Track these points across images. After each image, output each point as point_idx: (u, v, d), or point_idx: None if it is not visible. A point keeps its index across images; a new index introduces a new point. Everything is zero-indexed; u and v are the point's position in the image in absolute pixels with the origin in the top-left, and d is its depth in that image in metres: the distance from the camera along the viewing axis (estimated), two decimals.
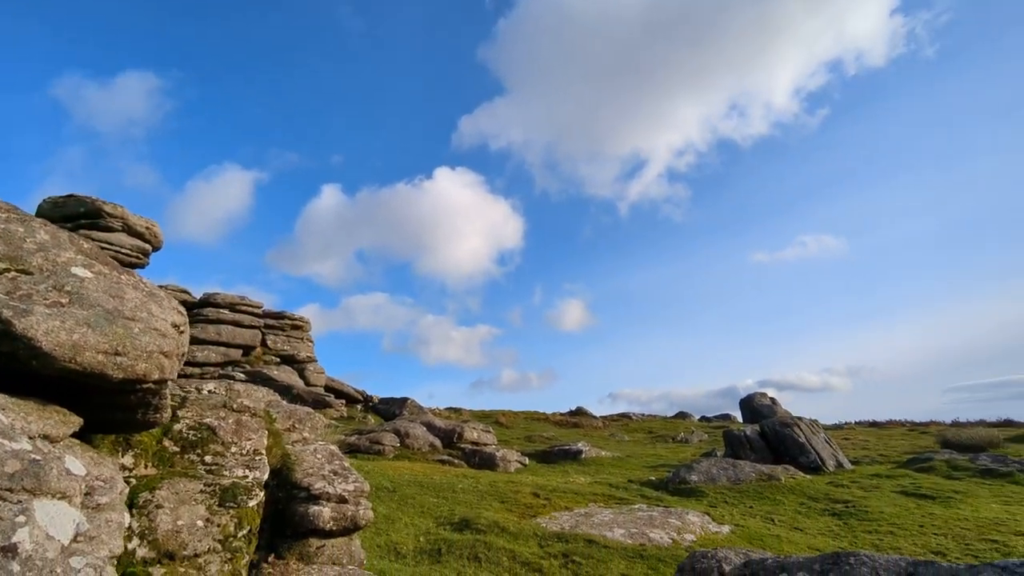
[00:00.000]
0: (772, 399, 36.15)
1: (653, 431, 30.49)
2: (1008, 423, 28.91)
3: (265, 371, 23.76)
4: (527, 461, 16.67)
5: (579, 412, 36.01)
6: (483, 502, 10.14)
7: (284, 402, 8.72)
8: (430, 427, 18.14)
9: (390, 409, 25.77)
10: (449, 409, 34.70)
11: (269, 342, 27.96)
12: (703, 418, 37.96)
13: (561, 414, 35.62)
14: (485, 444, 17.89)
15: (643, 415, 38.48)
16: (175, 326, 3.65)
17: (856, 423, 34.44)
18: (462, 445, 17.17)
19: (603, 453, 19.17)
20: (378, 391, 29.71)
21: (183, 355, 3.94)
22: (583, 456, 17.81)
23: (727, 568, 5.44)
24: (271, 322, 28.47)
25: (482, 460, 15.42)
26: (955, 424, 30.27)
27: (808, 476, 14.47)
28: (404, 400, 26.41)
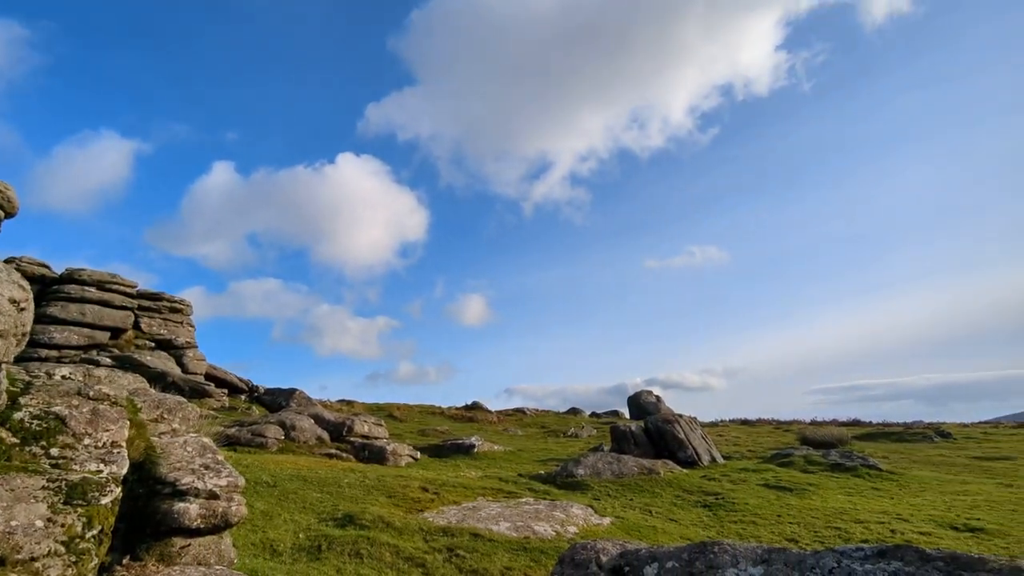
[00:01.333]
0: (657, 397, 38.17)
1: (546, 426, 31.21)
2: (856, 423, 32.35)
3: (136, 356, 21.85)
4: (419, 455, 16.50)
5: (475, 407, 36.17)
6: (369, 497, 9.90)
7: (153, 390, 8.03)
8: (318, 420, 17.48)
9: (276, 400, 24.58)
10: (341, 402, 33.66)
11: (143, 325, 25.76)
12: (593, 414, 39.36)
13: (457, 408, 35.61)
14: (376, 438, 17.50)
15: (537, 410, 39.30)
16: (13, 302, 3.23)
17: (730, 421, 37.11)
18: (352, 439, 16.69)
19: (496, 447, 19.37)
20: (266, 382, 28.23)
21: (25, 335, 3.50)
22: (475, 450, 17.89)
23: (604, 559, 5.64)
24: (147, 303, 26.23)
25: (372, 454, 15.07)
26: (813, 423, 33.42)
27: (685, 470, 15.40)
28: (292, 391, 25.28)
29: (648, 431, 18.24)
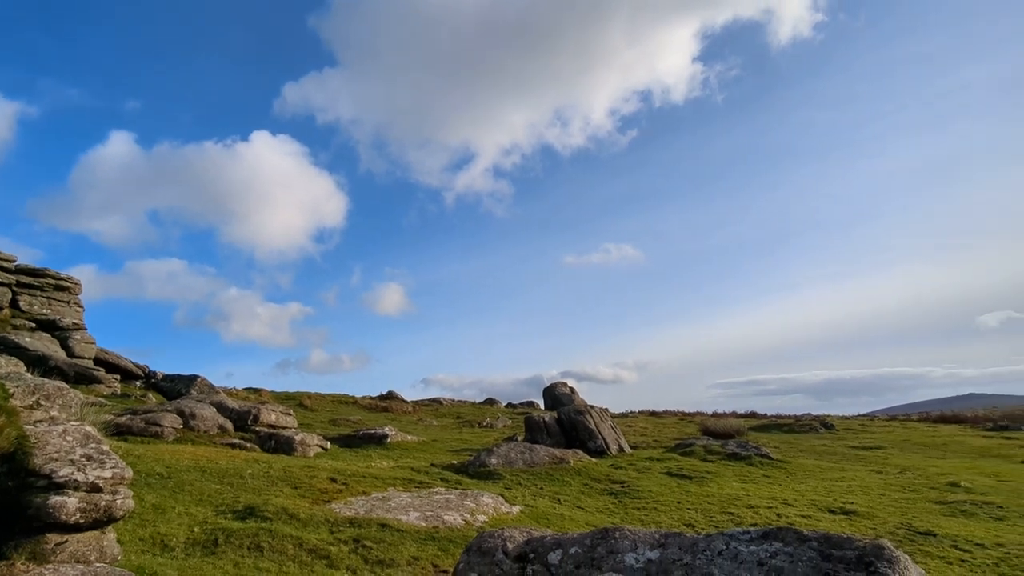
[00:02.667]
0: (571, 388, 39.12)
1: (462, 416, 31.25)
2: (753, 415, 34.54)
3: (13, 337, 19.91)
4: (329, 445, 16.06)
5: (390, 396, 35.64)
6: (273, 488, 9.54)
7: (29, 375, 7.34)
8: (221, 408, 16.62)
9: (176, 387, 23.15)
10: (248, 390, 32.20)
11: (23, 303, 23.49)
12: (509, 405, 39.79)
13: (371, 398, 34.95)
14: (284, 427, 16.86)
15: (454, 401, 39.27)
16: None
17: (639, 412, 38.59)
18: (257, 428, 15.99)
19: (409, 438, 19.18)
20: (166, 368, 26.48)
21: None
22: (388, 440, 17.65)
23: (510, 546, 5.72)
24: (27, 280, 23.93)
25: (279, 444, 14.51)
26: (714, 415, 35.36)
27: (594, 459, 15.89)
28: (193, 378, 23.89)
29: (561, 422, 18.65)
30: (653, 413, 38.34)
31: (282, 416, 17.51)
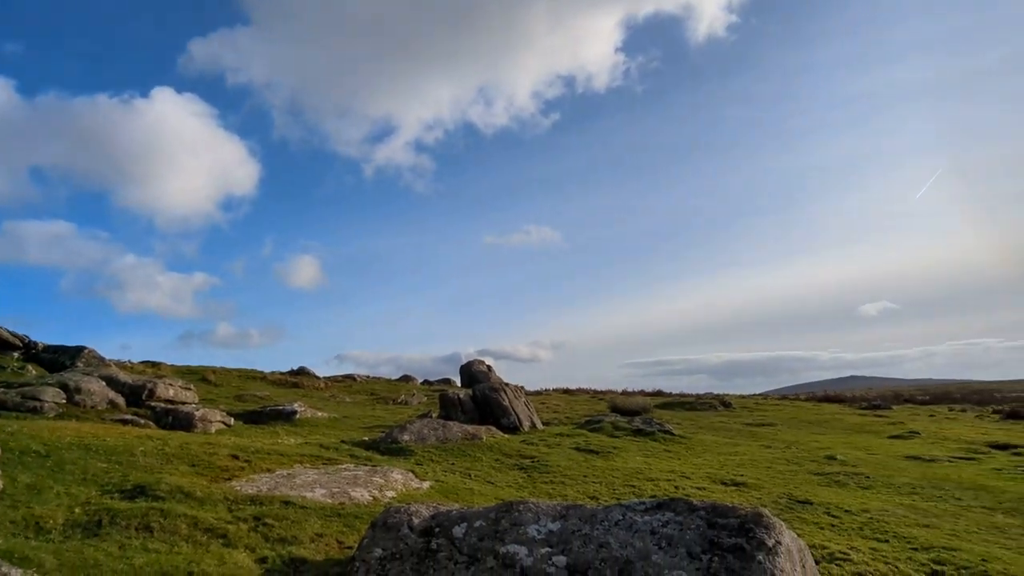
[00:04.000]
0: (488, 366, 39.42)
1: (376, 393, 30.84)
2: (659, 393, 36.24)
3: None
4: (232, 422, 15.40)
5: (301, 372, 34.55)
6: (168, 466, 9.04)
7: None
8: (112, 382, 15.50)
9: (59, 359, 21.33)
10: (145, 363, 30.23)
11: None
12: (426, 382, 39.64)
13: (281, 373, 33.75)
14: (183, 403, 15.97)
15: (368, 377, 38.62)
16: None
17: (553, 390, 39.55)
18: (153, 404, 15.06)
19: (320, 414, 18.73)
20: (51, 339, 24.23)
21: None
22: (297, 417, 17.15)
23: (416, 521, 5.74)
24: None
25: (176, 420, 13.74)
26: (624, 393, 36.83)
27: (507, 436, 16.16)
28: (80, 349, 22.09)
29: (475, 398, 18.80)
30: (567, 391, 39.41)
31: (181, 391, 16.57)
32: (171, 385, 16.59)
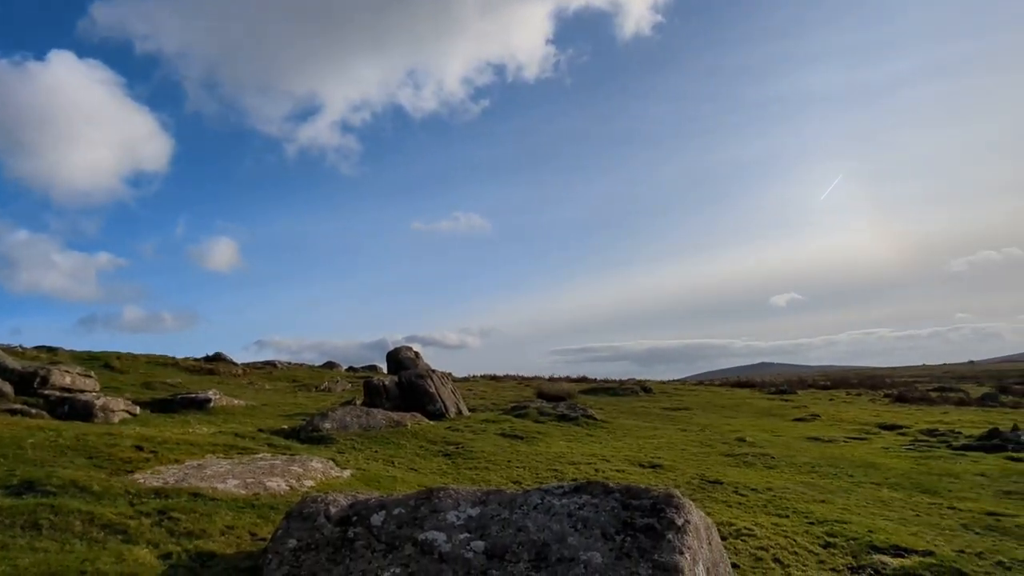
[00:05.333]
0: (416, 353, 38.96)
1: (298, 380, 29.90)
2: (584, 379, 37.10)
3: None
4: (138, 411, 14.49)
5: (217, 358, 32.95)
6: (62, 459, 8.40)
7: None
8: None
9: None
10: (40, 349, 27.97)
11: None
12: (351, 368, 38.78)
13: (195, 360, 32.07)
14: (82, 391, 14.86)
15: (290, 364, 37.35)
16: None
17: (480, 376, 39.71)
18: (47, 392, 13.92)
19: (236, 402, 17.95)
20: None
21: None
22: (212, 405, 16.36)
23: (333, 510, 5.60)
24: None
25: (74, 410, 12.77)
26: (550, 379, 37.46)
27: (432, 422, 16.07)
28: None
29: (401, 385, 18.57)
30: (494, 377, 39.66)
31: (80, 378, 15.42)
32: (68, 372, 15.40)
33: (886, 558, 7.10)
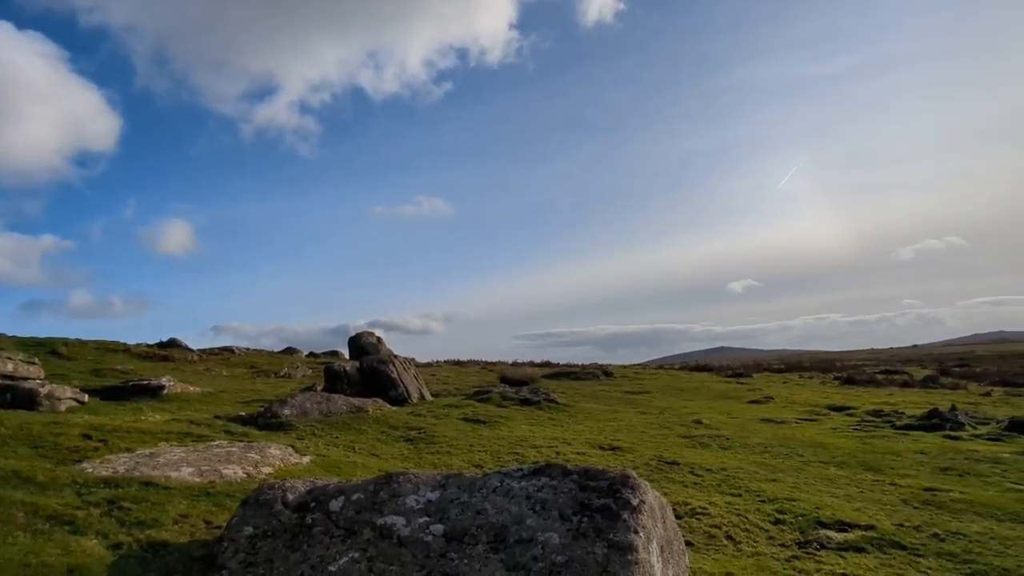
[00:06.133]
0: (379, 338, 38.57)
1: (256, 366, 29.31)
2: (547, 364, 37.43)
3: None
4: (87, 399, 13.97)
5: (172, 344, 32.00)
6: (4, 449, 8.06)
7: None
8: None
9: None
10: None
11: None
12: (311, 354, 38.21)
13: (148, 346, 31.09)
14: (25, 378, 14.25)
15: (248, 350, 36.57)
16: None
17: (444, 362, 39.64)
18: None
19: (192, 389, 17.50)
20: None
21: None
22: (165, 392, 15.90)
23: (291, 496, 5.53)
24: None
25: (16, 398, 12.22)
26: (513, 364, 37.68)
27: (394, 408, 15.99)
28: None
29: (363, 371, 18.39)
30: (458, 363, 39.65)
31: (23, 365, 14.78)
32: (10, 359, 14.74)
33: (831, 533, 7.42)
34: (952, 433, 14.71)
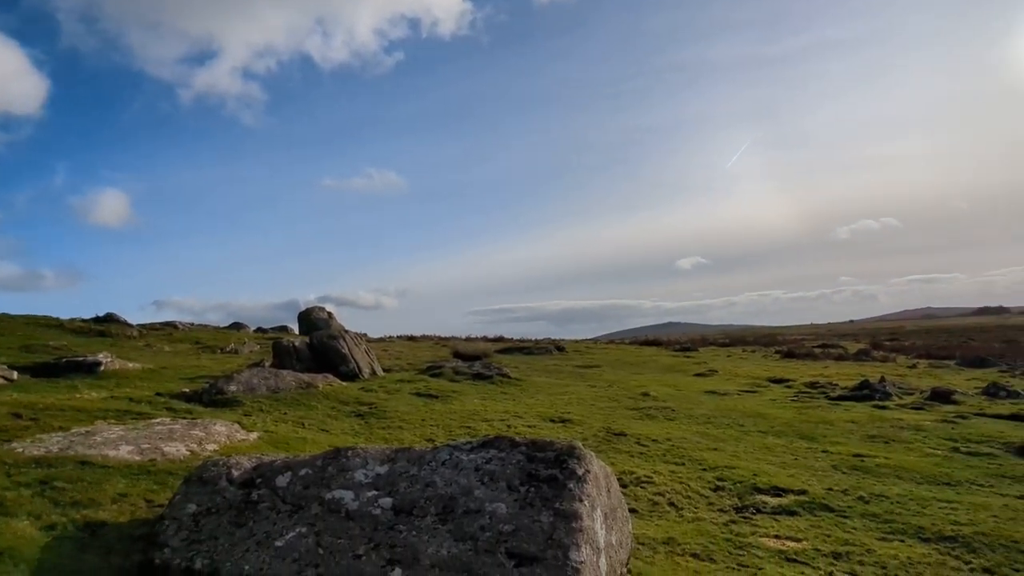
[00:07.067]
0: (329, 313, 37.97)
1: (201, 342, 28.40)
2: (500, 339, 37.64)
3: None
4: (16, 376, 13.30)
5: (110, 319, 30.63)
6: None
7: None
8: None
9: None
10: None
11: None
12: (259, 329, 37.30)
13: (83, 321, 29.69)
14: None
15: (193, 325, 35.39)
16: None
17: (397, 337, 39.34)
18: None
19: (131, 365, 16.85)
20: None
21: None
22: (102, 369, 15.26)
23: (236, 473, 5.45)
24: None
25: None
26: (467, 339, 37.74)
27: (345, 383, 15.83)
28: None
29: (313, 346, 18.10)
30: (411, 338, 39.40)
31: None
32: None
33: (767, 498, 7.82)
34: (880, 403, 15.62)
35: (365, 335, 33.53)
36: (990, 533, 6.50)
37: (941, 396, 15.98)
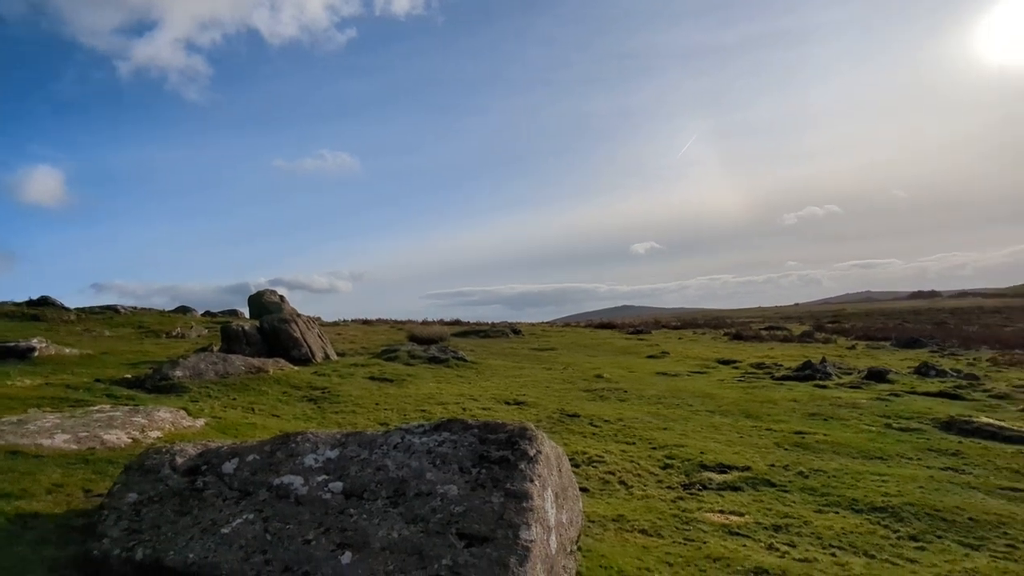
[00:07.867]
0: (281, 296, 37.06)
1: (145, 326, 27.33)
2: (456, 322, 37.56)
3: None
4: None
5: (44, 303, 29.13)
6: None
7: None
8: None
9: None
10: None
11: None
12: (208, 313, 36.12)
13: (15, 304, 28.18)
14: None
15: (136, 309, 33.99)
16: None
17: (352, 320, 38.76)
18: None
19: (68, 351, 16.10)
20: None
21: None
22: (36, 354, 14.53)
23: (180, 460, 5.29)
24: None
25: None
26: (423, 323, 37.50)
27: (297, 368, 15.54)
28: None
29: (263, 330, 17.67)
30: (366, 321, 38.88)
31: None
32: None
33: (713, 474, 8.10)
34: (821, 383, 16.33)
35: (319, 319, 32.92)
36: (916, 503, 6.91)
37: (877, 375, 16.82)
